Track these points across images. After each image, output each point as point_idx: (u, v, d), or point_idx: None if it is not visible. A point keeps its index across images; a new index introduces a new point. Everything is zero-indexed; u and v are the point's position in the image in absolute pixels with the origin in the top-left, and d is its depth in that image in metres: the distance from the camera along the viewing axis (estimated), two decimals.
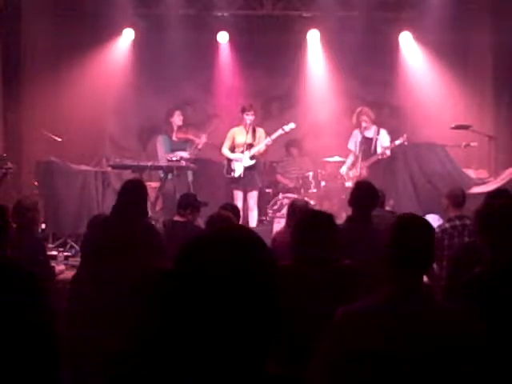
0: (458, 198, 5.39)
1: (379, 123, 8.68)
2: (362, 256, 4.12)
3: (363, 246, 4.20)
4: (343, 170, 8.64)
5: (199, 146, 8.66)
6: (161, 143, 8.66)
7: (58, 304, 4.68)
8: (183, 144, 8.68)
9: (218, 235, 1.39)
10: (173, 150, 8.49)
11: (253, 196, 8.38)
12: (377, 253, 2.54)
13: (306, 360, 2.53)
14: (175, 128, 8.69)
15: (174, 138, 8.67)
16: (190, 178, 8.49)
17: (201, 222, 6.88)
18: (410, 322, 2.29)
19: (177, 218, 5.48)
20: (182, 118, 8.76)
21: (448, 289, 3.93)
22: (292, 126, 8.47)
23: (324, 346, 2.36)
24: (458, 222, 5.20)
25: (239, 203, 8.19)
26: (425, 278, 5.32)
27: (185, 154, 8.47)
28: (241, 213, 8.16)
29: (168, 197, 8.12)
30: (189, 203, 5.52)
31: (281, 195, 8.75)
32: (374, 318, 2.30)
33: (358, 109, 8.59)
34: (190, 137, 8.73)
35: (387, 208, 7.14)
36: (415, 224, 2.46)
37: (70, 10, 9.66)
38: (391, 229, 2.45)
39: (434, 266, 5.24)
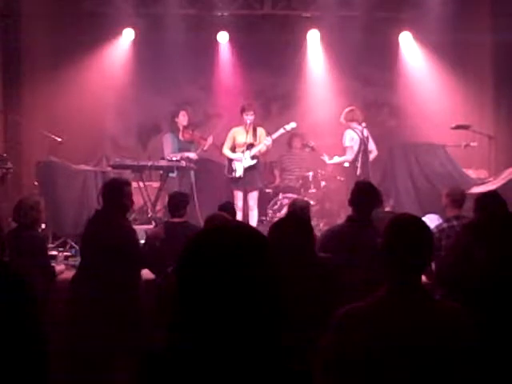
0: (458, 198, 5.39)
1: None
2: (362, 255, 4.13)
3: (363, 245, 4.21)
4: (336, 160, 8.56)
5: (205, 148, 8.66)
6: (169, 141, 8.65)
7: (57, 304, 4.69)
8: (189, 144, 8.68)
9: (216, 234, 1.41)
10: (180, 150, 8.49)
11: (253, 196, 8.37)
12: (377, 252, 2.55)
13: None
14: (181, 128, 8.68)
15: (181, 137, 8.67)
16: (193, 178, 8.49)
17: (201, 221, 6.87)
18: (409, 319, 2.29)
19: (177, 220, 5.45)
20: (187, 118, 8.75)
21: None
22: (293, 125, 8.47)
23: (325, 346, 2.36)
24: (455, 222, 5.19)
25: (239, 203, 8.20)
26: (424, 278, 5.34)
27: (192, 155, 8.48)
28: (241, 213, 8.19)
29: None
30: (180, 203, 5.50)
31: (281, 195, 8.75)
32: (374, 317, 2.31)
33: (350, 107, 8.57)
34: (197, 138, 8.73)
35: (387, 208, 7.15)
36: (410, 224, 2.45)
37: (70, 10, 9.65)
38: (386, 229, 2.45)
39: (433, 265, 5.25)
